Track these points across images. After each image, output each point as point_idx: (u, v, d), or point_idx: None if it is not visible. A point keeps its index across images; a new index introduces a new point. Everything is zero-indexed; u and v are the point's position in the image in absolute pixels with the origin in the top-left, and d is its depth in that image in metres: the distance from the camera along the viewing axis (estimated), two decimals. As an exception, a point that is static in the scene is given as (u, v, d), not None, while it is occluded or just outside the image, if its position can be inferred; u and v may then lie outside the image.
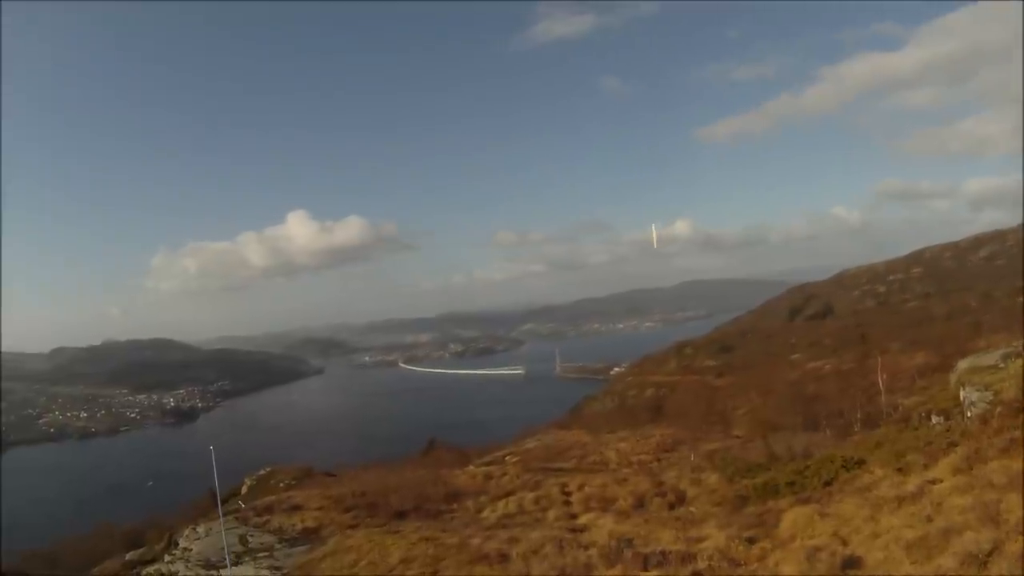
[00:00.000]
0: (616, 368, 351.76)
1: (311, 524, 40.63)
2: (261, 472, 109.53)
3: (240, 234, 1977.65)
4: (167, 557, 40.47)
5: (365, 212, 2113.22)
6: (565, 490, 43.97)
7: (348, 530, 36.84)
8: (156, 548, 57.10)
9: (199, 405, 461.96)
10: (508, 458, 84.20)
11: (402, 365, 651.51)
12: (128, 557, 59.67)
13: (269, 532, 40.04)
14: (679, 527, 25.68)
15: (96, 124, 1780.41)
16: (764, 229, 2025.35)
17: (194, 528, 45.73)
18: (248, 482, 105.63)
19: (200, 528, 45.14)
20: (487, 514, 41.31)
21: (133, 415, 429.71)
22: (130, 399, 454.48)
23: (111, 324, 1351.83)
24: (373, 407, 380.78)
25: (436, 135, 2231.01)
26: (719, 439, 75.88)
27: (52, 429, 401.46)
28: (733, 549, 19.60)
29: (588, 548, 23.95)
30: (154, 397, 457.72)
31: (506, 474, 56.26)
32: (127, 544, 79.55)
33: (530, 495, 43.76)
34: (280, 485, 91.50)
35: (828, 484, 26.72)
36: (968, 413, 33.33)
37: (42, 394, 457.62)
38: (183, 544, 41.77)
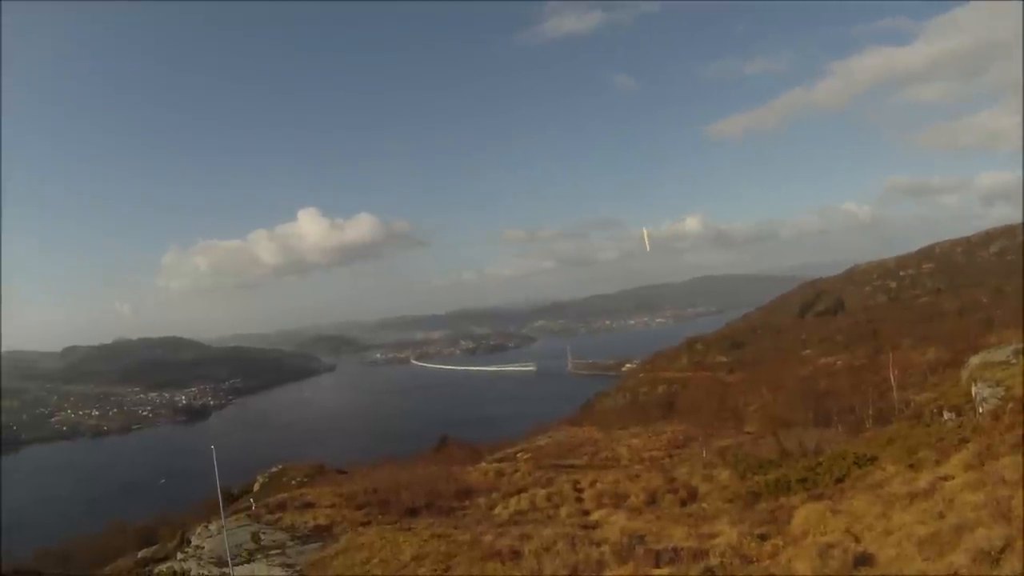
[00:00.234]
0: (627, 364, 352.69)
1: (323, 521, 40.79)
2: (273, 469, 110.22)
3: (251, 232, 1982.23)
4: (179, 555, 40.81)
5: (376, 209, 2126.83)
6: (577, 487, 44.13)
7: (360, 527, 37.03)
8: (168, 546, 57.62)
9: (211, 403, 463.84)
10: (520, 455, 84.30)
11: (414, 362, 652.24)
12: (140, 555, 60.23)
13: (281, 529, 40.26)
14: (691, 523, 25.83)
15: (107, 123, 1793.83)
16: (775, 225, 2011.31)
17: (206, 526, 46.12)
18: (260, 479, 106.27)
19: (212, 526, 45.50)
20: (499, 511, 41.46)
21: (145, 413, 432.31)
22: (142, 397, 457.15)
23: (123, 323, 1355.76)
24: (385, 404, 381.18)
25: (446, 132, 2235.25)
26: (731, 435, 75.84)
27: (64, 427, 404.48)
28: (745, 546, 19.67)
29: (600, 545, 24.07)
30: (166, 395, 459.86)
31: (518, 471, 56.47)
32: (139, 542, 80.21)
33: (542, 492, 43.92)
34: (292, 482, 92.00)
35: (840, 481, 26.80)
36: (980, 409, 33.38)
37: (54, 393, 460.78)
38: (195, 542, 42.17)
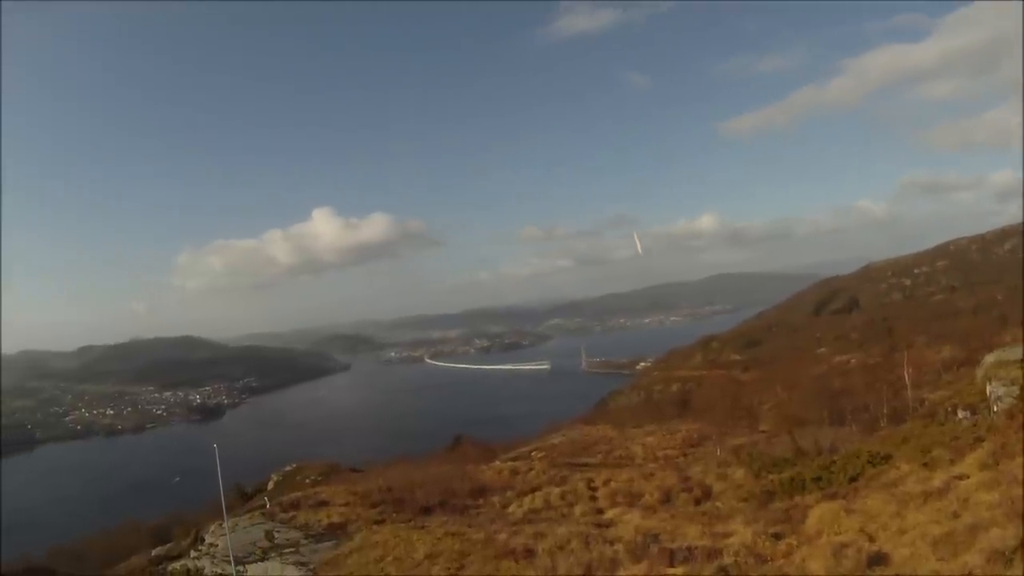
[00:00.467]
0: (642, 363, 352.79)
1: (337, 520, 40.95)
2: (287, 468, 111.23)
3: (266, 232, 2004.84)
4: (193, 553, 41.13)
5: (390, 209, 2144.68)
6: (591, 485, 44.17)
7: (374, 526, 37.18)
8: (182, 544, 58.23)
9: (225, 402, 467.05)
10: (534, 453, 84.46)
11: (428, 361, 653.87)
12: (154, 553, 60.99)
13: (295, 528, 40.48)
14: (705, 522, 25.86)
15: (122, 123, 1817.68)
16: (790, 222, 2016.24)
17: (220, 524, 46.42)
18: (274, 478, 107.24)
19: (227, 524, 45.81)
20: (513, 509, 41.56)
21: (159, 412, 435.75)
22: (156, 396, 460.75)
23: (138, 322, 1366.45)
24: (399, 403, 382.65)
25: (460, 131, 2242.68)
26: (745, 434, 75.81)
27: (79, 426, 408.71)
28: (759, 545, 19.70)
29: (614, 543, 24.17)
30: (180, 394, 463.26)
31: (532, 469, 56.51)
32: (153, 540, 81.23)
33: (556, 490, 44.02)
34: (306, 481, 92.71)
35: (854, 480, 26.72)
36: (994, 408, 33.23)
37: (69, 392, 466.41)
38: (209, 540, 42.47)
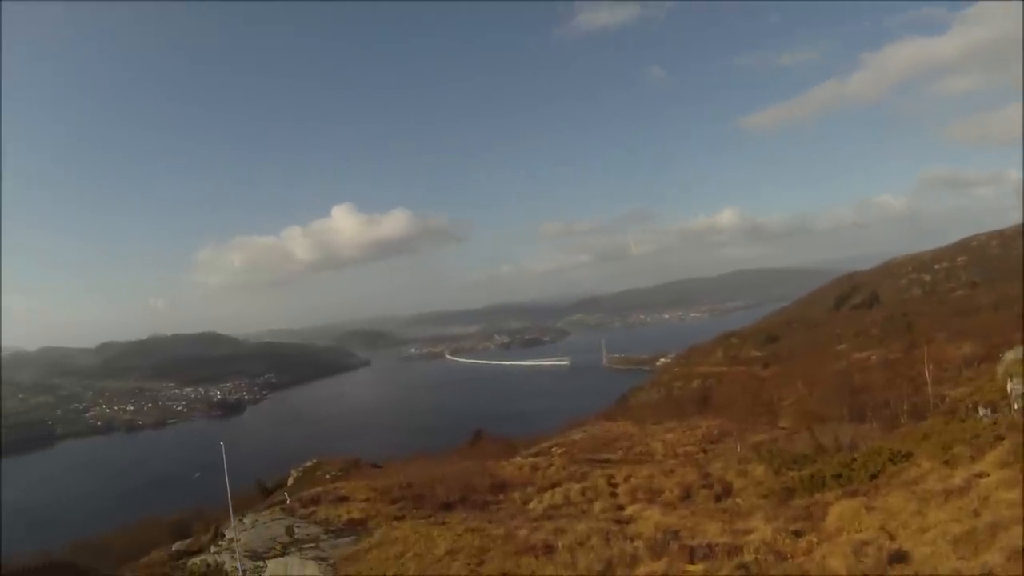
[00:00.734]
0: (662, 359, 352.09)
1: (357, 515, 41.41)
2: (307, 463, 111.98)
3: (286, 228, 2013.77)
4: (213, 548, 41.72)
5: (410, 204, 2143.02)
6: (611, 481, 44.37)
7: (394, 521, 37.61)
8: (203, 539, 58.87)
9: (246, 398, 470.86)
10: (554, 449, 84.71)
11: (448, 357, 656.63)
12: (175, 548, 61.58)
13: (315, 523, 40.98)
14: (725, 519, 25.97)
15: (143, 120, 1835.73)
16: (810, 218, 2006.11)
17: (240, 519, 46.98)
18: (295, 473, 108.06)
19: (246, 519, 46.39)
20: (533, 505, 41.85)
21: (180, 408, 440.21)
22: (177, 392, 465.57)
23: (158, 319, 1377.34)
24: (419, 399, 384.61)
25: (481, 127, 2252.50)
26: (765, 430, 75.71)
27: (99, 422, 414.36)
28: (779, 542, 19.77)
29: (634, 540, 24.29)
30: (201, 390, 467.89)
31: (552, 465, 56.74)
32: (174, 535, 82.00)
33: (576, 486, 44.26)
34: (326, 476, 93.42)
35: (875, 477, 26.72)
36: (1015, 405, 33.12)
37: (89, 388, 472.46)
38: (229, 535, 43.01)
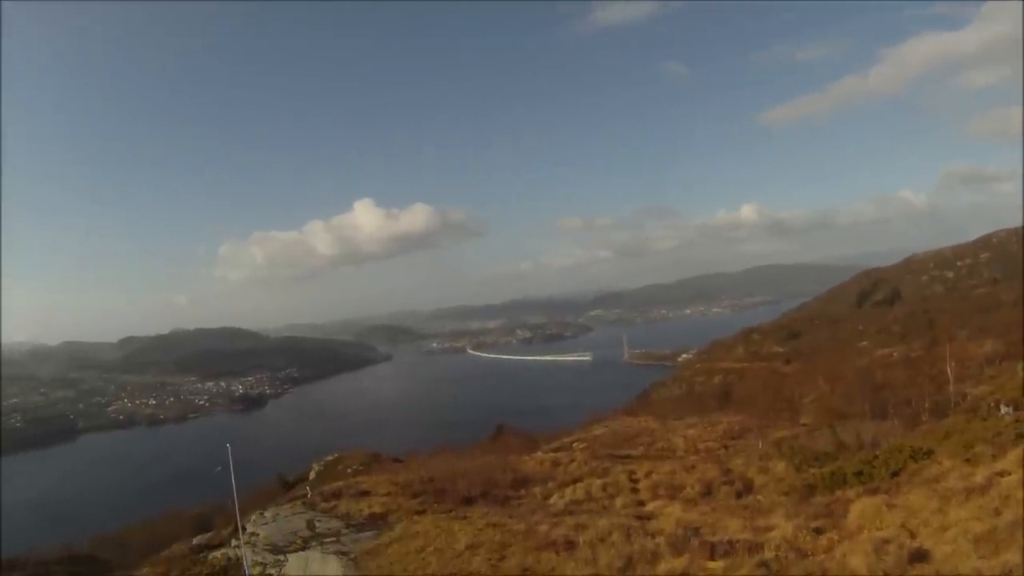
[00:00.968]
0: (684, 354, 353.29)
1: (378, 510, 41.69)
2: (328, 458, 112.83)
3: (307, 223, 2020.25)
4: (233, 542, 42.07)
5: (431, 199, 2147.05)
6: (632, 477, 44.43)
7: (415, 516, 37.85)
8: (223, 533, 59.76)
9: (267, 392, 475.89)
10: (576, 444, 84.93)
11: (470, 351, 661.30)
12: (195, 541, 62.69)
13: (336, 517, 41.31)
14: (746, 516, 26.09)
15: (164, 116, 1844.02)
16: (831, 213, 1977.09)
17: (261, 513, 47.56)
18: (316, 467, 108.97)
19: (267, 513, 46.92)
20: (554, 500, 42.01)
21: (201, 402, 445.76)
22: (199, 387, 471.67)
23: (180, 314, 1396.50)
24: (441, 393, 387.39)
25: (498, 122, 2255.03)
26: (787, 427, 75.47)
27: (121, 416, 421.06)
28: (800, 539, 19.91)
29: (655, 536, 24.51)
30: (222, 384, 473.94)
31: (574, 460, 56.93)
32: (195, 529, 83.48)
33: (598, 482, 44.37)
34: (348, 471, 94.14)
35: (896, 474, 26.67)
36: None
37: (111, 383, 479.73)
38: (250, 529, 43.52)
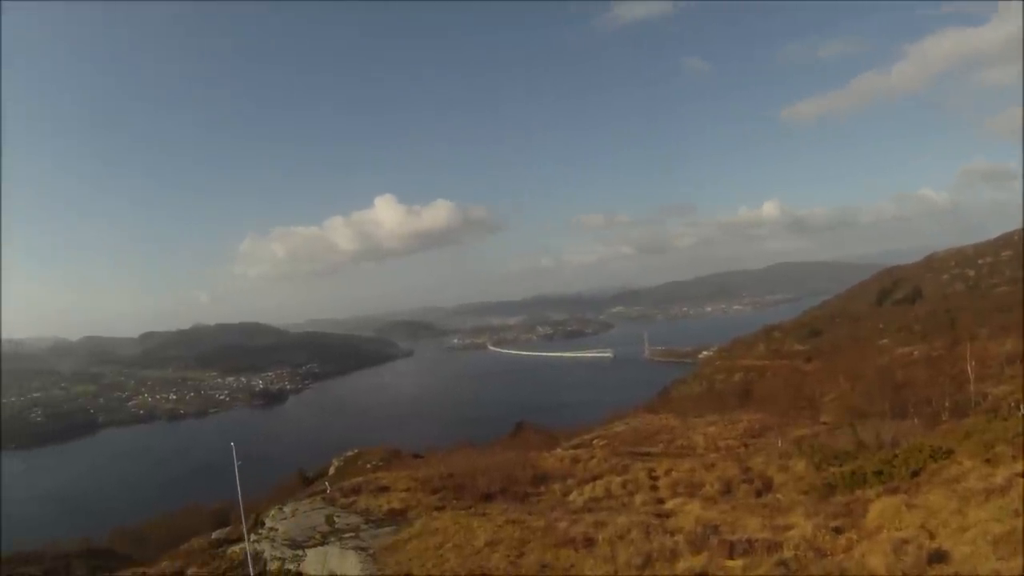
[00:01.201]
0: (704, 352, 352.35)
1: (398, 505, 42.05)
2: (348, 453, 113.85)
3: (328, 219, 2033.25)
4: (253, 536, 42.47)
5: (452, 196, 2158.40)
6: (652, 475, 44.42)
7: (435, 512, 38.16)
8: (241, 528, 60.13)
9: (288, 387, 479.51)
10: (596, 441, 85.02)
11: (491, 348, 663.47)
12: (214, 535, 63.27)
13: (356, 513, 41.68)
14: (766, 514, 26.15)
15: (185, 113, 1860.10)
16: (852, 210, 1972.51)
17: (280, 508, 48.03)
18: (336, 463, 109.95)
19: (286, 508, 47.37)
20: (574, 498, 42.13)
21: (222, 397, 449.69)
22: (219, 382, 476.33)
23: (200, 309, 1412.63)
24: (462, 389, 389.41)
25: (522, 118, 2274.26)
26: (807, 425, 75.08)
27: (141, 411, 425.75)
28: (819, 539, 19.99)
29: (674, 534, 24.68)
30: (243, 380, 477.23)
31: (594, 457, 56.97)
32: (214, 523, 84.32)
33: (617, 479, 44.40)
34: (367, 466, 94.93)
35: (916, 474, 26.62)
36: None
37: (132, 377, 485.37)
38: (269, 524, 44.09)
